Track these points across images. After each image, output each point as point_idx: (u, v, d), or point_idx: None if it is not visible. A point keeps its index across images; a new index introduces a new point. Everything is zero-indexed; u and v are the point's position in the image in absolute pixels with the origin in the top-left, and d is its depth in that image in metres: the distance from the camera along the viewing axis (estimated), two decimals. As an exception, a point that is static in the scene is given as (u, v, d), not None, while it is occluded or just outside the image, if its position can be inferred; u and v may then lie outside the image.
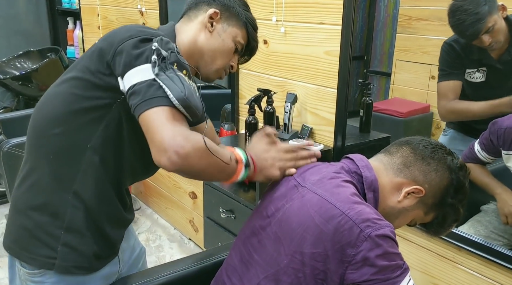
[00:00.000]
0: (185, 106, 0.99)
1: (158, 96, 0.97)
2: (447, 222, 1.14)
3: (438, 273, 1.70)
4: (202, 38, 1.24)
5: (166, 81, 0.98)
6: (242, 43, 1.28)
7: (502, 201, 1.68)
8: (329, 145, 1.99)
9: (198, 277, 1.37)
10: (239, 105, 2.46)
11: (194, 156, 0.96)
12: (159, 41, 1.02)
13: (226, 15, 1.25)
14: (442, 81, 1.82)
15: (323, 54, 1.94)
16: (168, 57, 1.01)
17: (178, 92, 0.97)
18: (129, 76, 1.01)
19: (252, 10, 2.20)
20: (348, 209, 0.95)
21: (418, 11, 2.15)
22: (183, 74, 1.03)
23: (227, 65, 1.29)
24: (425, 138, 1.14)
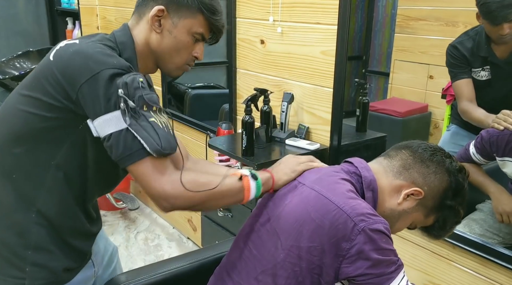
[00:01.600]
0: (161, 155, 1.02)
1: (136, 150, 1.00)
2: (448, 224, 1.15)
3: (432, 271, 1.71)
4: (153, 40, 1.18)
5: (139, 133, 1.00)
6: (201, 31, 1.18)
7: (496, 199, 1.69)
8: (325, 144, 2.00)
9: (195, 274, 1.38)
10: (237, 104, 2.47)
11: (184, 197, 1.04)
12: (124, 85, 1.00)
13: (174, 8, 1.15)
14: (454, 82, 1.85)
15: (319, 54, 1.96)
16: (136, 104, 1.00)
17: (153, 145, 1.00)
18: (101, 123, 1.02)
19: (249, 10, 2.24)
20: (343, 204, 0.97)
21: (416, 11, 2.16)
22: (154, 116, 1.03)
23: (189, 59, 1.22)
24: (424, 142, 1.16)
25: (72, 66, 1.03)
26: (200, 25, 1.17)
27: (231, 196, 1.10)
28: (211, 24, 1.18)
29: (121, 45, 1.14)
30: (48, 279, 1.15)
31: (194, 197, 1.04)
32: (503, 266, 1.49)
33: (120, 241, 3.13)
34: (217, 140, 2.20)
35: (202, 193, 1.05)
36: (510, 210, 1.66)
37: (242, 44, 2.35)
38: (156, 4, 1.15)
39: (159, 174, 1.02)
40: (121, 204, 3.38)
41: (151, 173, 1.02)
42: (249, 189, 1.10)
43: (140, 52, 1.17)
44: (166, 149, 1.02)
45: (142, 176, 1.03)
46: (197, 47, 1.21)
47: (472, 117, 1.79)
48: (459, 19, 1.99)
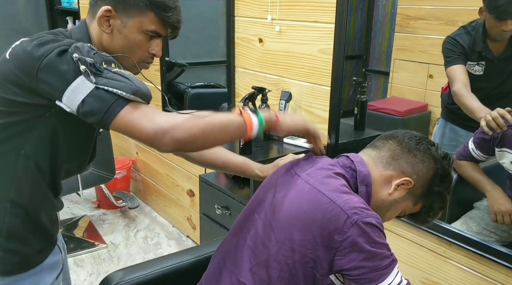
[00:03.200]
0: (140, 96, 1.00)
1: (113, 101, 0.98)
2: (434, 210, 1.18)
3: (429, 268, 1.72)
4: (105, 40, 1.15)
5: (109, 84, 0.98)
6: (153, 28, 1.14)
7: (492, 198, 1.70)
8: (323, 142, 2.00)
9: (192, 270, 1.38)
10: (236, 103, 2.48)
11: (182, 127, 0.99)
12: (75, 49, 0.99)
13: (122, 8, 1.11)
14: (449, 67, 1.83)
15: (317, 52, 1.96)
16: (94, 60, 0.99)
17: (128, 87, 0.98)
18: (69, 96, 1.00)
19: (248, 8, 2.25)
20: (336, 197, 0.98)
21: (416, 10, 2.16)
22: (116, 68, 1.03)
23: (144, 57, 1.18)
24: (408, 131, 1.18)
25: (26, 59, 1.03)
26: (152, 23, 1.13)
27: (232, 129, 1.06)
28: (163, 21, 1.14)
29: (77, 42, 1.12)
30: (20, 263, 1.19)
31: (192, 127, 1.00)
32: (499, 264, 1.50)
33: (120, 239, 3.14)
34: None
35: (200, 121, 1.01)
36: (506, 210, 1.66)
37: (240, 43, 2.36)
38: (103, 4, 1.12)
39: (148, 114, 0.99)
40: (121, 202, 3.39)
41: (139, 116, 0.99)
42: (250, 121, 1.06)
43: None
44: (141, 88, 1.00)
45: (130, 124, 0.99)
46: (153, 44, 1.17)
47: (464, 102, 1.77)
48: (458, 18, 1.99)
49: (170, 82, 3.37)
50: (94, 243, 3.07)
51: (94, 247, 3.03)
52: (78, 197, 3.57)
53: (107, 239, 3.13)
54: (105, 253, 2.98)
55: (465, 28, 1.83)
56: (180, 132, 0.99)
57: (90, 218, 3.42)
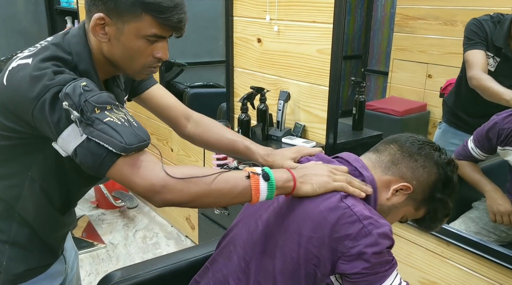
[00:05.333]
0: (131, 151, 0.95)
1: (105, 155, 0.94)
2: (438, 216, 1.16)
3: (427, 268, 1.72)
4: (105, 49, 1.08)
5: (100, 138, 0.94)
6: (153, 32, 1.04)
7: (490, 198, 1.69)
8: (321, 142, 2.01)
9: (190, 270, 1.38)
10: (234, 103, 2.48)
11: (174, 189, 0.96)
12: (65, 96, 0.94)
13: (115, 14, 1.02)
14: (469, 50, 1.76)
15: (315, 52, 1.96)
16: (85, 109, 0.94)
17: (117, 145, 0.94)
18: (62, 143, 0.97)
19: (246, 8, 2.25)
20: (353, 205, 0.98)
21: (415, 10, 2.16)
22: (109, 115, 0.96)
23: (149, 62, 1.09)
24: (413, 135, 1.16)
25: (21, 95, 0.99)
26: (150, 26, 1.03)
27: (234, 195, 1.00)
28: (163, 23, 1.04)
29: (76, 57, 1.07)
30: (23, 273, 1.19)
31: (186, 191, 0.96)
32: (498, 264, 1.50)
33: (119, 239, 3.14)
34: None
35: (195, 186, 0.97)
36: (504, 210, 1.66)
37: (239, 42, 2.36)
38: (96, 11, 1.03)
39: (139, 168, 0.96)
40: (119, 202, 3.39)
41: (130, 171, 0.96)
42: (258, 189, 0.99)
43: (97, 60, 1.09)
44: (133, 143, 0.95)
45: (122, 178, 0.97)
46: (158, 47, 1.07)
47: (487, 85, 1.67)
48: (457, 18, 2.00)
49: (169, 82, 3.37)
50: (93, 243, 3.07)
51: (93, 247, 3.03)
52: (77, 197, 3.57)
53: (106, 239, 3.14)
54: (104, 253, 2.98)
55: (492, 17, 1.76)
56: (171, 195, 0.96)
57: (89, 218, 3.42)
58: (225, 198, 1.00)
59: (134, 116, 1.04)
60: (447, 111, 1.98)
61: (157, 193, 0.95)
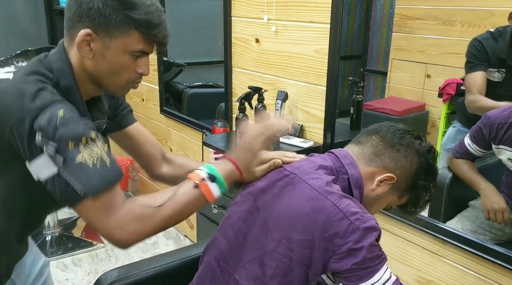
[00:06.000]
0: (98, 193, 0.96)
1: (72, 194, 0.95)
2: (421, 202, 1.19)
3: (422, 266, 1.73)
4: (88, 65, 1.06)
5: (69, 177, 0.94)
6: (139, 48, 1.04)
7: (485, 197, 1.71)
8: (319, 142, 2.02)
9: (187, 269, 1.38)
10: (232, 103, 2.49)
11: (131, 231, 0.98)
12: (39, 129, 0.93)
13: (102, 30, 1.01)
14: (468, 74, 1.84)
15: (313, 52, 1.97)
16: (59, 145, 0.93)
17: (84, 189, 0.94)
18: (34, 168, 0.97)
19: (244, 9, 2.26)
20: (338, 202, 0.99)
21: (413, 10, 2.17)
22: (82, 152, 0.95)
23: (132, 77, 1.09)
24: (394, 124, 1.17)
25: (0, 109, 0.99)
26: (137, 42, 1.04)
27: (191, 207, 1.03)
28: (149, 40, 1.05)
29: (57, 72, 1.05)
30: None
31: (145, 230, 0.99)
32: (493, 262, 1.51)
33: (118, 239, 3.15)
34: (213, 138, 2.22)
35: (151, 220, 0.99)
36: (498, 207, 1.67)
37: (237, 43, 2.37)
38: (82, 28, 1.02)
39: (102, 215, 0.97)
40: (119, 202, 3.39)
41: (94, 215, 0.97)
42: (209, 192, 1.03)
43: (79, 77, 1.08)
44: (101, 187, 0.96)
45: (86, 219, 0.99)
46: (140, 63, 1.08)
47: (481, 104, 1.77)
48: (456, 18, 2.01)
49: (168, 82, 3.38)
50: (92, 242, 3.08)
51: (92, 246, 3.04)
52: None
53: (105, 238, 3.14)
54: (103, 253, 2.99)
55: (492, 33, 1.81)
56: (133, 239, 0.99)
57: (89, 217, 3.42)
58: (186, 213, 1.04)
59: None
60: (461, 111, 1.99)
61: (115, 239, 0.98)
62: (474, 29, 1.96)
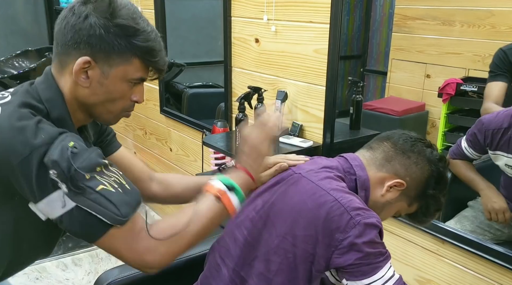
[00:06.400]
0: (125, 223, 0.92)
1: (96, 226, 0.90)
2: (430, 211, 1.19)
3: (422, 266, 1.73)
4: (81, 95, 1.00)
5: (92, 208, 0.89)
6: (138, 75, 1.01)
7: (485, 197, 1.71)
8: (318, 141, 2.02)
9: (187, 268, 1.39)
10: (232, 103, 2.49)
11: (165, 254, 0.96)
12: (53, 164, 0.87)
13: (102, 57, 0.96)
14: (488, 83, 1.82)
15: (312, 52, 1.98)
16: (76, 178, 0.87)
17: (112, 217, 0.90)
18: (45, 206, 0.90)
19: (244, 9, 2.26)
20: (340, 197, 1.00)
21: (413, 10, 2.18)
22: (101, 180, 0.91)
23: (127, 106, 1.05)
24: (405, 132, 1.19)
25: None
26: (137, 70, 1.00)
27: (216, 220, 1.02)
28: (150, 67, 1.02)
29: (47, 103, 0.98)
30: None
31: (176, 249, 0.97)
32: (492, 262, 1.51)
33: (118, 238, 3.15)
34: (212, 138, 2.22)
35: (183, 240, 0.98)
36: (499, 207, 1.68)
37: (237, 43, 2.37)
38: (79, 55, 0.96)
39: (131, 242, 0.93)
40: (119, 202, 3.39)
41: (122, 244, 0.93)
42: (231, 204, 1.02)
43: (70, 106, 1.01)
44: (128, 214, 0.92)
45: (113, 250, 0.94)
46: (136, 90, 1.04)
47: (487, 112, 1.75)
48: (455, 18, 2.01)
49: (169, 82, 3.39)
50: (92, 242, 3.08)
51: (92, 246, 3.03)
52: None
53: (105, 238, 3.14)
54: (103, 252, 2.97)
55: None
56: (166, 260, 0.97)
57: (89, 217, 3.43)
58: (211, 228, 1.02)
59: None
60: None
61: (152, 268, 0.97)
62: (474, 29, 1.97)
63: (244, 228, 1.14)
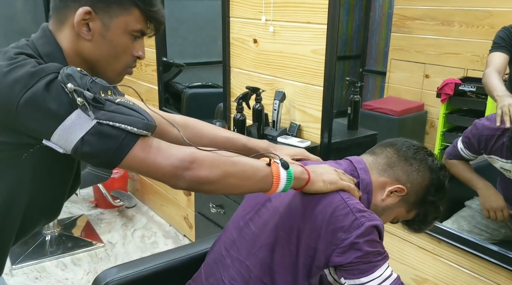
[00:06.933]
0: (153, 129, 0.89)
1: (123, 138, 0.85)
2: (428, 219, 1.20)
3: (419, 265, 1.74)
4: (84, 48, 0.98)
5: (115, 118, 0.85)
6: (139, 27, 0.99)
7: (483, 196, 1.72)
8: (316, 141, 2.03)
9: (186, 267, 1.40)
10: (231, 103, 2.50)
11: (204, 164, 0.90)
12: (68, 77, 0.84)
13: (102, 7, 0.95)
14: (491, 53, 1.78)
15: (310, 52, 1.99)
16: (92, 91, 0.85)
17: (140, 122, 0.86)
18: (62, 135, 0.85)
19: (242, 9, 2.27)
20: (347, 198, 1.03)
21: (412, 10, 2.18)
22: (118, 98, 0.88)
23: (130, 61, 1.03)
24: (408, 140, 1.20)
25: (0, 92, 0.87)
26: (137, 21, 0.98)
27: (256, 179, 0.95)
28: (150, 17, 1.00)
29: (47, 58, 0.95)
30: None
31: (215, 166, 0.90)
32: (488, 261, 1.52)
33: (117, 238, 3.16)
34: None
35: (224, 160, 0.92)
36: (497, 206, 1.68)
37: (235, 43, 2.38)
38: (79, 6, 0.94)
39: (163, 149, 0.89)
40: (118, 202, 3.41)
41: (155, 152, 0.88)
42: (278, 175, 0.96)
43: (71, 62, 0.98)
44: (152, 120, 0.89)
45: (145, 162, 0.88)
46: (137, 45, 1.02)
47: (487, 81, 1.70)
48: (454, 19, 2.01)
49: (168, 82, 3.39)
50: (91, 242, 3.09)
51: (92, 246, 3.05)
52: (75, 197, 3.59)
53: (105, 238, 3.16)
54: (103, 252, 3.00)
55: None
56: (202, 170, 0.89)
57: (88, 217, 3.44)
58: (248, 182, 0.95)
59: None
60: None
61: (187, 170, 0.88)
62: (473, 30, 1.97)
63: (249, 219, 1.17)
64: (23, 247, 2.94)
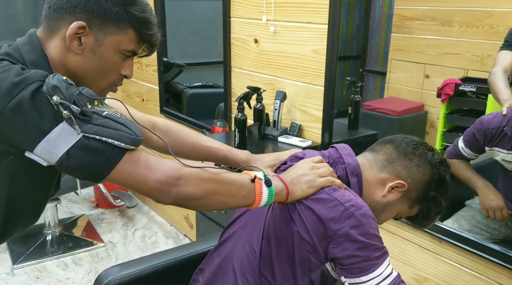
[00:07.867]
0: (140, 143, 0.88)
1: (109, 152, 0.84)
2: (431, 214, 1.20)
3: (419, 264, 1.75)
4: (72, 62, 0.96)
5: (102, 132, 0.83)
6: (132, 48, 0.98)
7: (483, 195, 1.72)
8: (317, 141, 2.04)
9: (186, 266, 1.40)
10: (231, 103, 2.51)
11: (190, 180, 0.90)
12: (54, 89, 0.82)
13: (98, 23, 0.94)
14: (501, 50, 1.78)
15: (310, 52, 1.99)
16: (79, 103, 0.83)
17: (127, 137, 0.85)
18: (45, 148, 0.83)
19: (243, 10, 2.28)
20: (333, 192, 1.03)
21: (412, 11, 2.18)
22: (105, 109, 0.86)
23: (116, 79, 1.02)
24: (408, 136, 1.20)
25: None
26: (131, 41, 0.98)
27: (240, 196, 0.97)
28: (144, 40, 0.99)
29: (31, 66, 0.92)
30: None
31: (201, 183, 0.91)
32: (489, 260, 1.52)
33: (118, 238, 3.17)
34: (212, 138, 2.23)
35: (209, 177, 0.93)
36: (497, 205, 1.69)
37: (236, 43, 2.39)
38: (74, 19, 0.93)
39: (151, 164, 0.88)
40: (119, 202, 3.41)
41: (142, 167, 0.87)
42: (261, 194, 0.98)
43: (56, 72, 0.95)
44: (140, 135, 0.87)
45: (132, 176, 0.87)
46: (126, 64, 1.01)
47: (493, 81, 1.70)
48: (454, 19, 2.01)
49: (168, 83, 3.40)
50: (92, 242, 3.10)
51: (93, 245, 3.06)
52: (76, 197, 3.59)
53: (105, 238, 3.16)
54: (103, 252, 3.01)
55: None
56: (188, 187, 0.90)
57: (89, 217, 3.44)
58: (232, 198, 0.97)
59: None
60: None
61: (174, 186, 0.88)
62: (472, 30, 1.97)
63: (249, 212, 1.19)
64: (24, 247, 2.94)
